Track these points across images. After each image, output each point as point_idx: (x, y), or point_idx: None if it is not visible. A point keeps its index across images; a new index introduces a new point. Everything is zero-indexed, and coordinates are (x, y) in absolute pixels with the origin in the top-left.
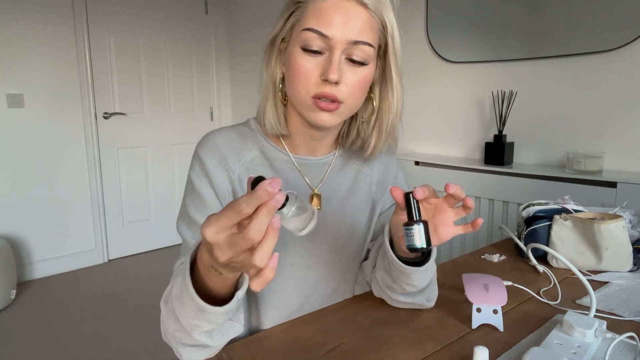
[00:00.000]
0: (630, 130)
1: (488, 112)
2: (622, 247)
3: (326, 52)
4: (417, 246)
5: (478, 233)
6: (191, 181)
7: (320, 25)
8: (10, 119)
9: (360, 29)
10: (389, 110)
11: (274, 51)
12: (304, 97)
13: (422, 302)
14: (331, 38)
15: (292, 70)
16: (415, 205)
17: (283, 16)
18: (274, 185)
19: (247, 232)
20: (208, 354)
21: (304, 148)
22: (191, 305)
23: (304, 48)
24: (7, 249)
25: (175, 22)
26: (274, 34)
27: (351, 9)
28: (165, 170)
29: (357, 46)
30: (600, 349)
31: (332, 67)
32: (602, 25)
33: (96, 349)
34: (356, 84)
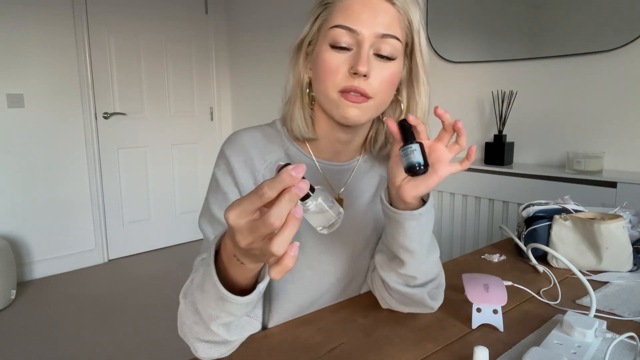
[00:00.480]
0: (630, 130)
1: (488, 112)
2: (622, 247)
3: (354, 48)
4: (415, 163)
5: (478, 233)
6: (216, 179)
7: (348, 21)
8: (10, 119)
9: (387, 23)
10: (417, 110)
11: (300, 55)
12: (332, 92)
13: (423, 296)
14: (359, 33)
15: (320, 68)
16: (410, 130)
17: (310, 19)
18: (298, 170)
19: (268, 217)
20: (224, 350)
21: (329, 152)
22: (212, 294)
23: (332, 45)
24: (7, 249)
25: (175, 22)
26: (301, 37)
27: (378, 5)
28: (165, 170)
29: (385, 40)
30: (600, 349)
31: (361, 59)
32: (602, 25)
33: (96, 349)
34: (385, 79)
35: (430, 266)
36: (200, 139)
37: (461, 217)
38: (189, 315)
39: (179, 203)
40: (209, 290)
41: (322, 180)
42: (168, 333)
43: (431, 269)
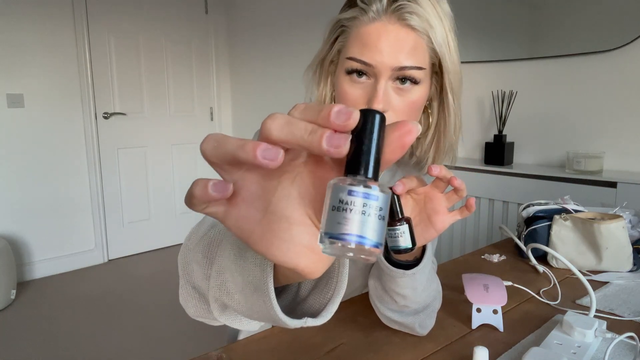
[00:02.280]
0: (630, 130)
1: (488, 112)
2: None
3: (372, 78)
4: (401, 247)
5: (478, 233)
6: None
7: (362, 53)
8: (10, 119)
9: (407, 53)
10: (446, 128)
11: (323, 72)
12: None
13: (413, 325)
14: (375, 66)
15: (340, 98)
16: (397, 203)
17: (329, 39)
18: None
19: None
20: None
21: None
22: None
23: (349, 73)
24: (7, 249)
25: (175, 22)
26: (321, 57)
27: (395, 33)
28: (165, 170)
29: (403, 71)
30: (600, 349)
31: (377, 97)
32: (602, 25)
33: (96, 349)
34: (405, 109)
35: (425, 297)
36: (200, 139)
37: None
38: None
39: (179, 203)
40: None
41: None
42: (168, 333)
43: (426, 299)
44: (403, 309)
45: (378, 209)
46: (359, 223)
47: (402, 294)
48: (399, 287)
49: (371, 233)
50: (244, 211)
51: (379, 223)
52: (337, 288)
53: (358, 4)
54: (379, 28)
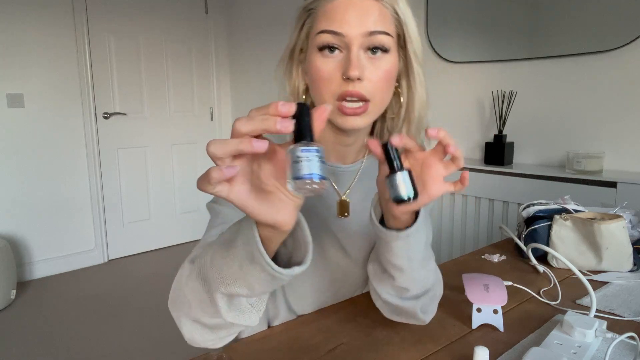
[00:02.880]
0: (630, 130)
1: (488, 112)
2: (622, 247)
3: (344, 51)
4: (402, 196)
5: (478, 233)
6: None
7: (332, 24)
8: (10, 119)
9: (374, 20)
10: (416, 101)
11: (293, 63)
12: (329, 100)
13: (415, 310)
14: (346, 35)
15: (314, 76)
16: (395, 154)
17: (297, 26)
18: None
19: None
20: (208, 337)
21: (333, 155)
22: (241, 252)
23: (320, 48)
24: (7, 249)
25: (175, 22)
26: (291, 46)
27: (361, 3)
28: (165, 170)
29: (374, 37)
30: (600, 349)
31: (351, 63)
32: (602, 25)
33: (96, 349)
34: (380, 77)
35: (424, 277)
36: (200, 139)
37: (461, 217)
38: (191, 281)
39: (179, 203)
40: (239, 247)
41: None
42: (168, 333)
43: (425, 280)
44: (403, 293)
45: (319, 156)
46: (309, 166)
47: (399, 266)
48: (394, 257)
49: (318, 170)
50: (240, 187)
51: (322, 165)
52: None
53: None
54: (344, 1)
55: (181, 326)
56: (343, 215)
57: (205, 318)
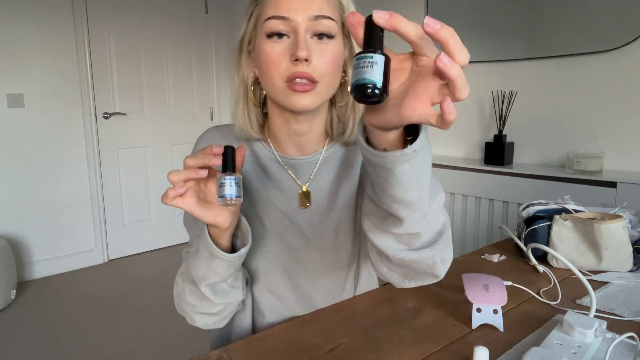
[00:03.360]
0: (630, 130)
1: (488, 112)
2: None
3: (291, 36)
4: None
5: (478, 233)
6: None
7: (279, 10)
8: (10, 119)
9: (318, 5)
10: None
11: (242, 54)
12: (278, 83)
13: (434, 260)
14: (292, 19)
15: (262, 61)
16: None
17: (245, 18)
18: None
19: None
20: (215, 319)
21: (291, 147)
22: (205, 253)
23: (268, 35)
24: (7, 249)
25: (175, 22)
26: (239, 39)
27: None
28: (165, 170)
29: (319, 21)
30: (600, 349)
31: (299, 45)
32: (602, 25)
33: (96, 349)
34: (327, 61)
35: (436, 215)
36: None
37: (461, 217)
38: (187, 285)
39: None
40: (202, 251)
41: (287, 174)
42: (168, 333)
43: (437, 219)
44: (414, 241)
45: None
46: (229, 189)
47: (408, 200)
48: (400, 188)
49: (234, 192)
50: (190, 199)
51: (238, 188)
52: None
53: None
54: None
55: (195, 320)
56: (305, 205)
57: (209, 309)
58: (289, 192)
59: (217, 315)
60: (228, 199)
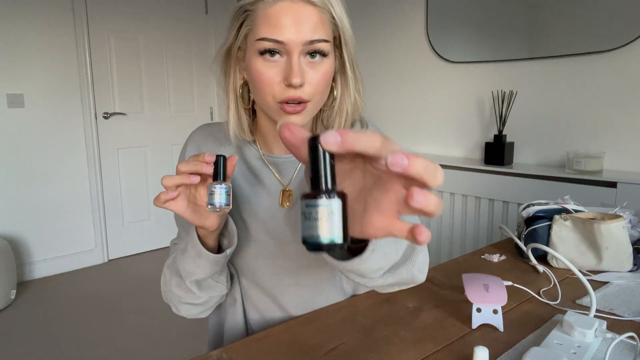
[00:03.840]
0: (630, 130)
1: (488, 112)
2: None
3: (284, 56)
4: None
5: (478, 233)
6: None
7: (273, 32)
8: (10, 119)
9: (313, 27)
10: (348, 98)
11: (231, 61)
12: (271, 103)
13: (412, 274)
14: (286, 43)
15: (255, 79)
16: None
17: (234, 26)
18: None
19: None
20: (200, 310)
21: (276, 146)
22: (192, 252)
23: (261, 53)
24: (7, 249)
25: (175, 22)
26: (228, 45)
27: (300, 10)
28: (165, 170)
29: (313, 45)
30: (600, 349)
31: (293, 71)
32: (602, 25)
33: (96, 349)
34: (319, 80)
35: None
36: None
37: (461, 217)
38: (173, 277)
39: None
40: (190, 250)
41: (270, 173)
42: (168, 333)
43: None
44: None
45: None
46: (219, 197)
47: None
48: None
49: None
50: (181, 203)
51: (227, 196)
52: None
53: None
54: (284, 7)
55: (179, 310)
56: (285, 205)
57: (193, 300)
58: (272, 190)
59: (202, 305)
60: (217, 207)
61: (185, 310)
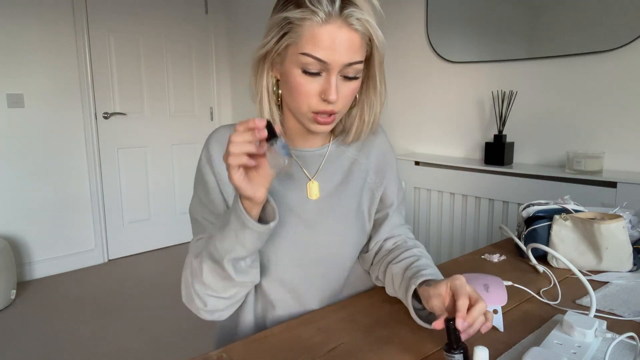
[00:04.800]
0: (630, 130)
1: (488, 112)
2: (622, 247)
3: (323, 73)
4: None
5: (478, 233)
6: (199, 169)
7: (317, 51)
8: (10, 119)
9: (353, 52)
10: (370, 106)
11: (266, 65)
12: (305, 112)
13: None
14: (329, 63)
15: (293, 89)
16: (457, 334)
17: (275, 34)
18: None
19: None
20: (225, 305)
21: (300, 140)
22: (235, 225)
23: (304, 70)
24: (7, 249)
25: (175, 22)
26: (266, 51)
27: (345, 35)
28: (165, 170)
29: (350, 67)
30: (600, 349)
31: (331, 89)
32: (602, 25)
33: (96, 349)
34: (348, 95)
35: None
36: (200, 139)
37: (461, 217)
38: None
39: (179, 203)
40: (233, 222)
41: (297, 166)
42: (168, 333)
43: None
44: None
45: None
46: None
47: None
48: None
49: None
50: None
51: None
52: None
53: (308, 5)
54: (331, 30)
55: (207, 303)
56: (313, 196)
57: (223, 292)
58: (299, 183)
59: (229, 299)
60: (288, 160)
61: (212, 304)
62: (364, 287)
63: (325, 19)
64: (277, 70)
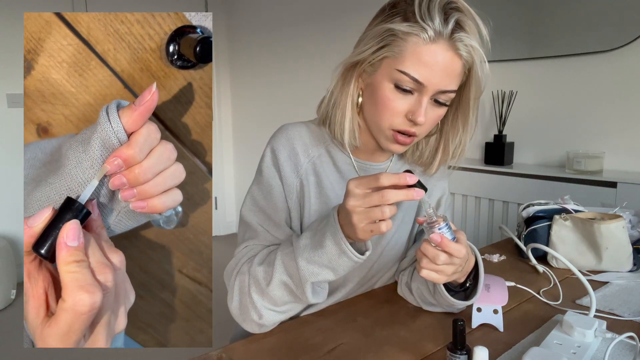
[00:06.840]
0: (630, 130)
1: (488, 112)
2: (622, 247)
3: (415, 93)
4: None
5: (478, 233)
6: (261, 170)
7: (418, 72)
8: (10, 119)
9: (450, 79)
10: (456, 138)
11: (354, 73)
12: (385, 128)
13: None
14: (425, 86)
15: (380, 103)
16: (463, 335)
17: (373, 45)
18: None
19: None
20: (280, 318)
21: (365, 153)
22: (333, 250)
23: (396, 85)
24: (7, 249)
25: None
26: (360, 58)
27: (449, 60)
28: None
29: (444, 94)
30: (600, 349)
31: (420, 111)
32: (602, 25)
33: (96, 349)
34: (433, 122)
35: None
36: None
37: (461, 217)
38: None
39: None
40: (328, 247)
41: None
42: None
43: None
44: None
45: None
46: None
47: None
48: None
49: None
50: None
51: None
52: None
53: (418, 20)
54: (437, 51)
55: (263, 316)
56: None
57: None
58: None
59: (284, 314)
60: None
61: (268, 318)
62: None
63: (434, 38)
64: (363, 81)
